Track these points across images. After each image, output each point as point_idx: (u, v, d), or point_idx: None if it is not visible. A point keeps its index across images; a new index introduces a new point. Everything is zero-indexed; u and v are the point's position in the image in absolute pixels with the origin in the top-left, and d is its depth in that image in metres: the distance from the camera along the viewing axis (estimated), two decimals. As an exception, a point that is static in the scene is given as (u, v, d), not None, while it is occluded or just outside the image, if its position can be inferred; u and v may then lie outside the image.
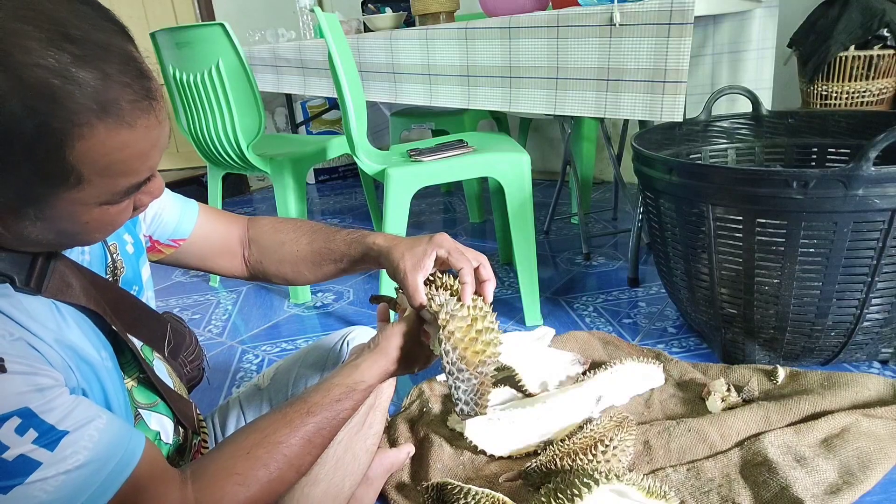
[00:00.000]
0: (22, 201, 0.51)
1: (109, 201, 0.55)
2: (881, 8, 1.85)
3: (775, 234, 1.18)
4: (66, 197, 0.52)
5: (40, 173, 0.49)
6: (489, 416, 1.14)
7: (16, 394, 0.52)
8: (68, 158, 0.49)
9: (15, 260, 0.58)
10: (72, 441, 0.55)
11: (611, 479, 0.84)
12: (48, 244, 0.59)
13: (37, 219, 0.53)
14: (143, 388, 0.74)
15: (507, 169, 1.60)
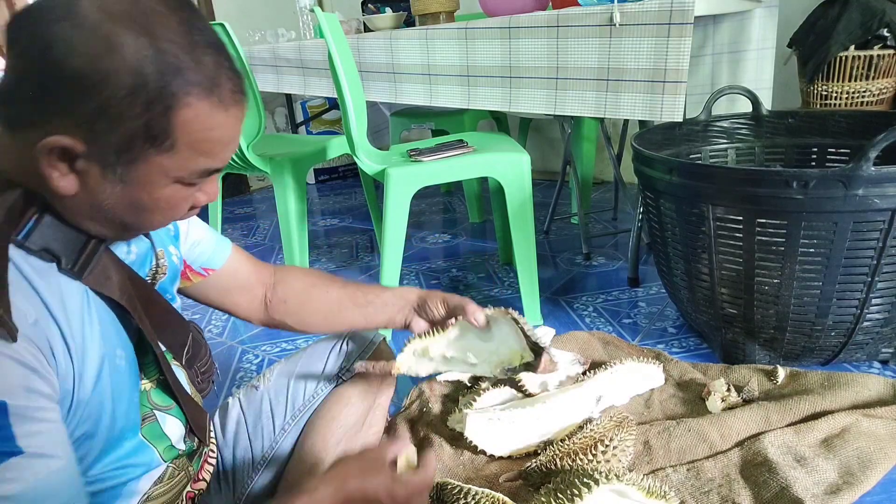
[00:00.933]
0: (119, 153, 0.55)
1: (183, 179, 0.59)
2: (881, 8, 1.85)
3: (775, 234, 1.18)
4: (155, 160, 0.56)
5: (147, 127, 0.54)
6: (489, 416, 1.14)
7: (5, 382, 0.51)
8: (172, 121, 0.55)
9: (69, 241, 0.60)
10: (19, 465, 0.51)
11: (611, 479, 0.84)
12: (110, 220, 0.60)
13: (120, 180, 0.57)
14: (160, 390, 0.74)
15: (507, 169, 1.60)
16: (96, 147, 0.54)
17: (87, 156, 0.55)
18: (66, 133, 0.53)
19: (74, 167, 0.55)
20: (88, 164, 0.55)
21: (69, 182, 0.56)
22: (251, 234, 2.80)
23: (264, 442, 0.98)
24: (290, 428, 0.99)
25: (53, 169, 0.55)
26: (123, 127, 0.54)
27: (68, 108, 0.53)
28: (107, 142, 0.54)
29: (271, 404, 1.00)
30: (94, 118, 0.53)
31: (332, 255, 2.43)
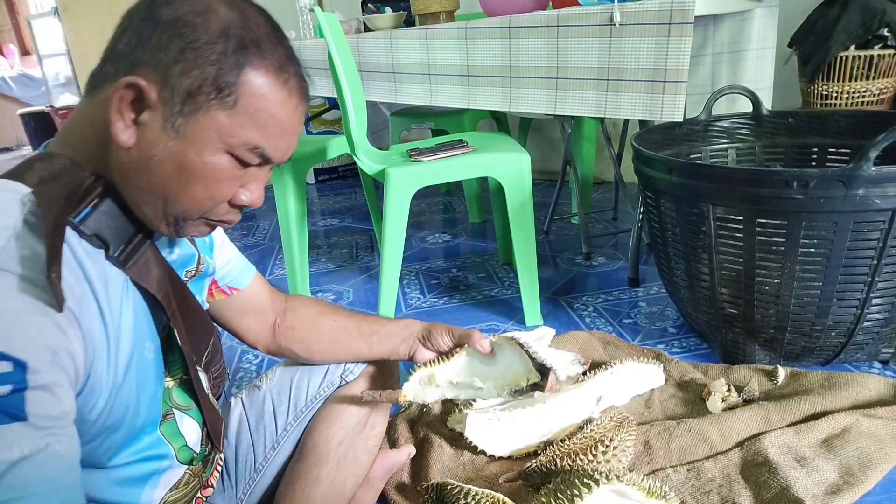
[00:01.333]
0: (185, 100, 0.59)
1: (235, 150, 0.61)
2: (881, 8, 1.85)
3: (776, 234, 1.18)
4: (215, 116, 0.60)
5: (217, 75, 0.59)
6: (489, 416, 1.14)
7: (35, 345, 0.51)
8: (240, 78, 0.59)
9: (120, 230, 0.63)
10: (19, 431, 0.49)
11: (611, 480, 0.84)
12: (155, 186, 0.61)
13: (176, 132, 0.59)
14: (182, 390, 0.76)
15: (507, 169, 1.60)
16: (167, 91, 0.58)
17: (156, 104, 0.58)
18: (143, 76, 0.58)
19: (138, 119, 0.59)
20: (152, 115, 0.59)
21: (129, 134, 0.59)
22: (251, 234, 2.80)
23: (266, 442, 0.98)
24: (292, 428, 0.99)
25: (120, 116, 0.59)
26: (196, 71, 0.58)
27: (154, 52, 0.58)
28: (178, 85, 0.58)
29: (274, 405, 1.00)
30: (173, 60, 0.58)
31: (332, 255, 2.42)
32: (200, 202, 0.63)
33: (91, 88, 0.62)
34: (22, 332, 0.50)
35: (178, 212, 0.64)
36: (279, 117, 0.63)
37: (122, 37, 0.60)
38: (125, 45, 0.60)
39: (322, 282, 2.14)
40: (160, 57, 0.58)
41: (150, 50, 0.58)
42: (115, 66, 0.60)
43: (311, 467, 0.93)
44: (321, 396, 1.00)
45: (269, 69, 0.61)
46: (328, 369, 1.02)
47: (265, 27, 0.62)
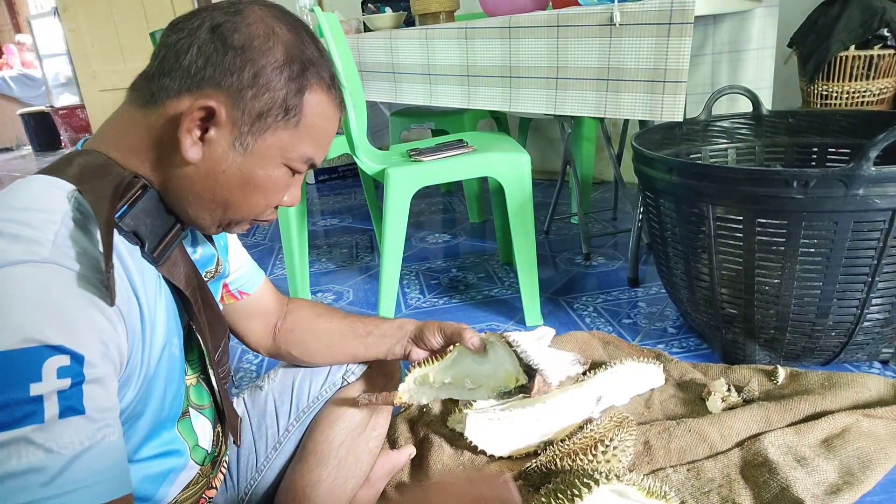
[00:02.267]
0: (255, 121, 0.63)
1: (292, 163, 0.67)
2: (881, 7, 1.85)
3: (775, 234, 1.18)
4: (280, 135, 0.65)
5: (285, 99, 0.64)
6: (489, 416, 1.14)
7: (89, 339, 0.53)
8: (303, 99, 0.65)
9: (155, 227, 0.65)
10: (78, 424, 0.51)
11: (611, 480, 0.84)
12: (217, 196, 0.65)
13: (244, 149, 0.64)
14: (200, 388, 0.77)
15: (507, 169, 1.60)
16: (238, 113, 0.62)
17: (224, 123, 0.62)
18: (216, 98, 0.61)
19: (206, 137, 0.62)
20: (220, 133, 0.62)
21: (197, 150, 0.62)
22: (251, 234, 2.80)
23: (268, 442, 0.99)
24: (293, 429, 0.99)
25: (188, 134, 0.61)
26: (268, 95, 0.63)
27: (227, 76, 0.61)
28: (250, 108, 0.62)
29: (276, 405, 1.00)
30: (247, 85, 0.62)
31: (332, 255, 2.42)
32: (258, 208, 0.69)
33: (143, 98, 0.63)
34: (79, 326, 0.52)
35: (236, 217, 0.69)
36: (329, 131, 0.69)
37: (186, 53, 0.61)
38: (190, 62, 0.61)
39: (322, 282, 2.14)
40: (232, 80, 0.61)
41: (221, 72, 0.61)
42: (179, 83, 0.62)
43: (313, 468, 0.93)
44: (323, 397, 1.00)
45: (323, 88, 0.67)
46: (330, 370, 1.02)
47: (313, 44, 0.67)
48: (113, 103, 2.37)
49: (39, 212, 0.56)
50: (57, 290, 0.52)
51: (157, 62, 0.63)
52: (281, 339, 1.00)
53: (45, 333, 0.50)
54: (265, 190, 0.67)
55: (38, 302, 0.51)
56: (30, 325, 0.50)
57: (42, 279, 0.52)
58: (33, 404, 0.49)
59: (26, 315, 0.50)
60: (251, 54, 0.61)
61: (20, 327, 0.49)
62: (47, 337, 0.50)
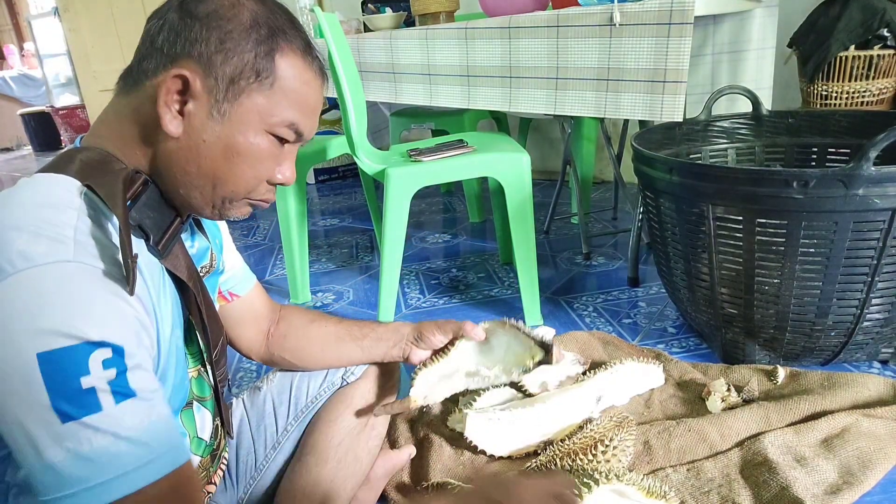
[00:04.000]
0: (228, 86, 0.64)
1: (275, 129, 0.67)
2: (881, 7, 1.85)
3: (775, 234, 1.18)
4: (256, 99, 0.65)
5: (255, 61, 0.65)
6: (489, 416, 1.14)
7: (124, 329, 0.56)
8: (275, 61, 0.66)
9: (158, 220, 0.67)
10: (134, 407, 0.55)
11: (611, 479, 0.84)
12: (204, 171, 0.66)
13: (222, 117, 0.65)
14: (201, 381, 0.79)
15: (507, 169, 1.60)
16: (211, 80, 0.63)
17: (200, 93, 0.63)
18: (187, 68, 0.63)
19: (185, 110, 0.64)
20: (198, 104, 0.64)
21: (178, 124, 0.64)
22: (251, 234, 2.80)
23: (267, 442, 0.99)
24: (292, 429, 0.99)
25: (167, 108, 0.63)
26: (236, 58, 0.64)
27: (195, 44, 0.63)
28: (221, 73, 0.63)
29: (274, 405, 1.00)
30: (214, 50, 0.63)
31: (332, 255, 2.43)
32: (247, 181, 0.69)
33: (127, 86, 0.66)
34: (113, 319, 0.55)
35: (227, 193, 0.69)
36: (309, 95, 0.69)
37: (158, 34, 0.64)
38: (163, 40, 0.63)
39: (322, 282, 2.14)
40: (201, 49, 0.63)
41: (190, 43, 0.63)
42: (155, 62, 0.64)
43: (312, 468, 0.93)
44: (322, 397, 1.00)
45: (296, 52, 0.67)
46: (327, 372, 1.02)
47: (285, 16, 0.68)
48: (113, 103, 2.29)
49: (54, 209, 0.58)
50: (86, 287, 0.55)
51: (134, 55, 0.66)
52: (274, 345, 1.00)
53: (85, 330, 0.53)
54: (250, 158, 0.67)
55: (71, 300, 0.53)
56: (69, 324, 0.52)
57: (71, 278, 0.54)
58: (88, 396, 0.52)
59: (64, 314, 0.53)
60: (216, 21, 0.63)
61: (59, 326, 0.52)
62: (87, 334, 0.53)
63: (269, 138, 0.68)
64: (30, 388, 0.51)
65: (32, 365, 0.51)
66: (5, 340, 0.52)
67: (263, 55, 0.65)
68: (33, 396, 0.51)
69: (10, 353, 0.52)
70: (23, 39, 6.80)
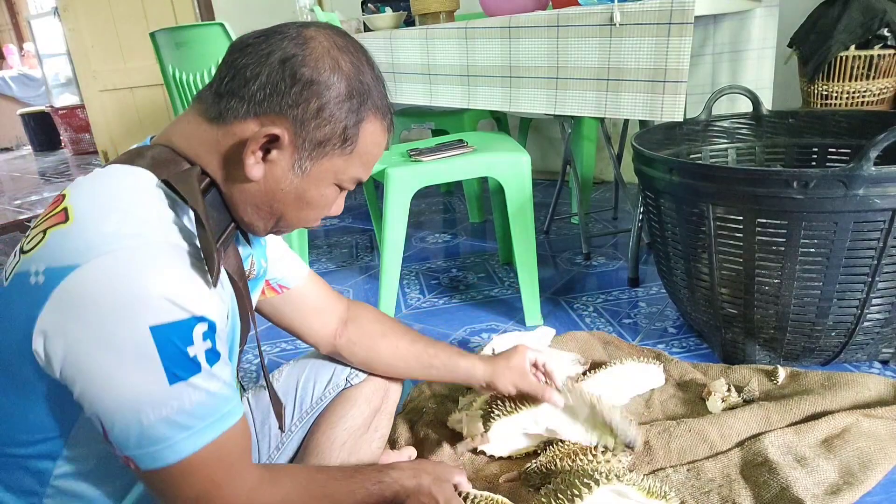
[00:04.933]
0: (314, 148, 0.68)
1: (342, 183, 0.73)
2: (882, 7, 1.85)
3: (775, 234, 1.18)
4: (335, 161, 0.70)
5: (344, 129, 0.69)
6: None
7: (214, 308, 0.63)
8: (359, 127, 0.70)
9: (219, 220, 0.71)
10: (220, 368, 0.63)
11: (611, 480, 0.84)
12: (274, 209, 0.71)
13: (302, 172, 0.69)
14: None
15: (507, 169, 1.60)
16: (300, 140, 0.67)
17: (286, 148, 0.67)
18: (281, 126, 0.66)
19: (268, 157, 0.68)
20: (281, 155, 0.68)
21: (259, 169, 0.68)
22: (251, 234, 2.80)
23: (271, 442, 0.99)
24: (296, 429, 0.99)
25: (252, 155, 0.66)
26: (330, 126, 0.68)
27: (293, 107, 0.66)
28: (311, 137, 0.68)
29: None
30: (312, 117, 0.67)
31: (332, 255, 2.42)
32: (307, 220, 0.75)
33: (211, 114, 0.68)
34: (207, 298, 0.62)
35: (287, 226, 0.75)
36: (378, 155, 0.75)
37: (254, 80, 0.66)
38: (259, 89, 0.66)
39: (322, 282, 2.13)
40: (297, 112, 0.66)
41: (289, 105, 0.66)
42: (246, 107, 0.66)
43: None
44: (326, 398, 1.01)
45: (378, 118, 0.72)
46: (334, 371, 1.02)
47: (370, 70, 0.71)
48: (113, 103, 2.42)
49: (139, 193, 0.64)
50: (181, 266, 0.61)
51: (225, 81, 0.67)
52: (343, 348, 1.02)
53: (189, 305, 0.60)
54: (317, 206, 0.74)
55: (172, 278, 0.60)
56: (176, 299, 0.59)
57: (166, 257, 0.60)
58: (193, 361, 0.61)
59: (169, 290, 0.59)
60: (317, 88, 0.66)
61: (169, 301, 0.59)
62: (191, 308, 0.60)
63: (334, 189, 0.74)
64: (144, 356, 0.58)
65: (146, 336, 0.58)
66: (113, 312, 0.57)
67: (353, 125, 0.69)
68: (146, 363, 0.58)
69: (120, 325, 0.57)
70: (23, 39, 6.80)
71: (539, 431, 1.09)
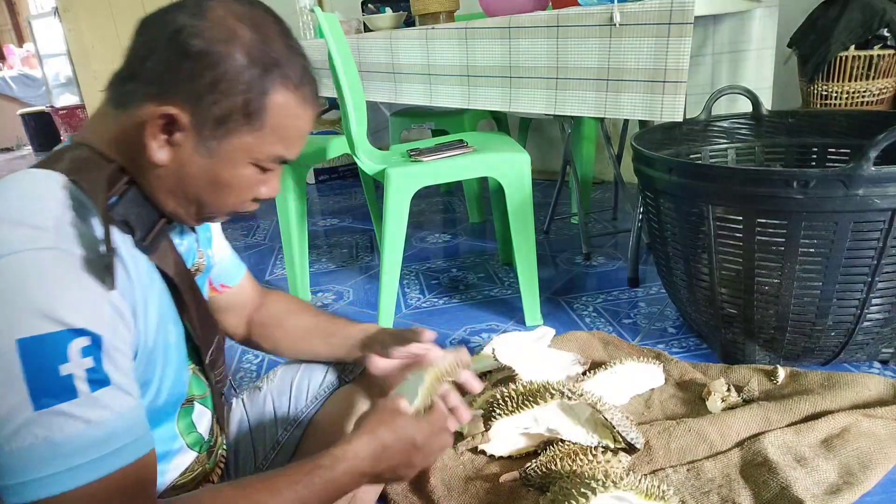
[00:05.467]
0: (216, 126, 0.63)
1: (261, 162, 0.67)
2: (881, 7, 1.85)
3: (775, 234, 1.18)
4: (244, 138, 0.65)
5: (246, 104, 0.63)
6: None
7: (103, 319, 0.57)
8: (266, 102, 0.64)
9: (144, 217, 0.67)
10: (108, 395, 0.56)
11: (608, 488, 0.84)
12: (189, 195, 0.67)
13: (209, 153, 0.64)
14: (198, 378, 0.79)
15: (507, 169, 1.60)
16: (199, 118, 0.62)
17: (188, 128, 0.62)
18: (175, 105, 0.61)
19: (172, 139, 0.63)
20: (185, 136, 0.63)
21: (164, 153, 0.64)
22: (251, 234, 2.80)
23: (266, 443, 0.98)
24: (291, 429, 0.99)
25: (154, 138, 0.62)
26: (228, 101, 0.62)
27: (186, 82, 0.61)
28: (210, 114, 0.62)
29: (274, 405, 1.00)
30: (206, 91, 0.61)
31: (332, 255, 2.42)
32: (231, 205, 0.70)
33: (116, 101, 0.65)
34: (93, 307, 0.56)
35: (210, 213, 0.70)
36: (300, 128, 0.69)
37: (148, 58, 0.62)
38: (152, 69, 0.62)
39: (322, 282, 2.14)
40: (191, 87, 0.61)
41: (181, 80, 0.61)
42: (144, 89, 0.62)
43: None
44: (321, 397, 1.00)
45: (289, 87, 0.65)
46: (328, 370, 1.02)
47: (281, 40, 0.66)
48: (113, 103, 2.27)
49: (37, 200, 0.59)
50: (66, 274, 0.55)
51: (125, 64, 0.64)
52: (254, 331, 1.01)
53: (65, 317, 0.54)
54: (235, 189, 0.68)
55: (52, 287, 0.54)
56: (49, 310, 0.53)
57: (51, 264, 0.55)
58: (66, 382, 0.53)
59: (45, 299, 0.53)
60: (210, 60, 0.61)
61: (40, 312, 0.53)
62: (68, 320, 0.54)
63: (253, 169, 0.68)
64: (7, 374, 0.52)
65: (12, 350, 0.52)
66: None
67: (255, 97, 0.63)
68: (10, 382, 0.52)
69: None
70: (23, 39, 6.80)
71: (539, 431, 1.09)
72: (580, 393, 1.05)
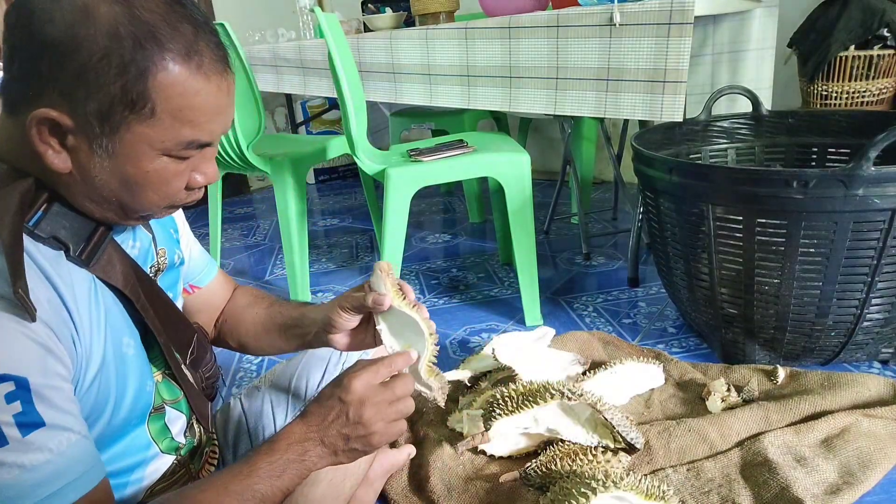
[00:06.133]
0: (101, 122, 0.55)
1: (170, 152, 0.59)
2: (881, 7, 1.85)
3: (775, 234, 1.18)
4: (138, 130, 0.56)
5: (124, 91, 0.54)
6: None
7: (25, 359, 0.53)
8: (149, 85, 0.55)
9: (77, 229, 0.61)
10: (42, 436, 0.53)
11: (608, 488, 0.84)
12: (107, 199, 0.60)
13: (107, 153, 0.57)
14: (168, 383, 0.76)
15: (507, 169, 1.60)
16: (79, 117, 0.55)
17: (75, 130, 0.55)
18: (51, 106, 0.54)
19: (65, 144, 0.56)
20: (77, 139, 0.56)
21: (62, 159, 0.57)
22: (251, 235, 2.80)
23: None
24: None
25: (46, 146, 0.56)
26: (101, 92, 0.54)
27: (50, 78, 0.54)
28: (87, 110, 0.55)
29: (272, 405, 1.00)
30: (73, 85, 0.54)
31: (332, 255, 2.43)
32: (156, 202, 0.63)
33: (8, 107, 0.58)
34: (13, 350, 0.52)
35: (139, 211, 0.64)
36: (204, 105, 0.59)
37: (14, 55, 0.55)
38: (20, 67, 0.55)
39: (322, 282, 2.14)
40: (59, 84, 0.54)
41: (46, 77, 0.54)
42: (21, 91, 0.56)
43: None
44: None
45: (175, 61, 0.56)
46: (327, 367, 1.02)
47: (157, 4, 0.56)
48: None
49: None
50: None
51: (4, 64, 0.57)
52: (220, 329, 0.96)
53: None
54: (154, 184, 0.61)
55: None
56: None
57: None
58: None
59: None
60: (66, 47, 0.53)
61: None
62: None
63: (167, 159, 0.60)
64: None
65: None
66: None
67: (133, 81, 0.54)
68: None
69: None
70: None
71: (539, 431, 1.09)
72: (580, 393, 1.05)
